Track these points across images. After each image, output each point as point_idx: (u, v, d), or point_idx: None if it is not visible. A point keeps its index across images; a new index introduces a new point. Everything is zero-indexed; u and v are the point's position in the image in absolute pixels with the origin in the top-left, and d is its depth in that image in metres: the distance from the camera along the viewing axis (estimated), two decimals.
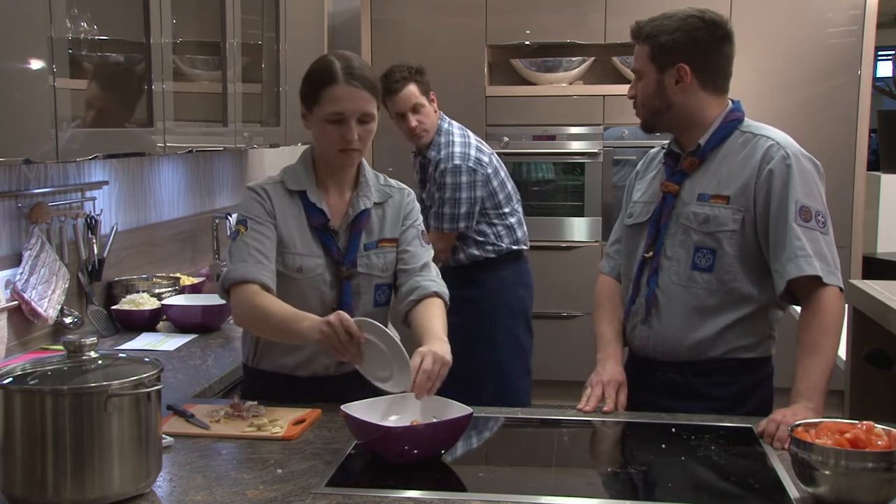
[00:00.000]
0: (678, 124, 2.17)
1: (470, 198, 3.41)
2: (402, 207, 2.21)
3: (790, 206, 2.05)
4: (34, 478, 1.50)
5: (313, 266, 2.12)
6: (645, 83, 2.14)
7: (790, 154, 2.09)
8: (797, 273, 2.02)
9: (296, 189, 2.14)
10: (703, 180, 2.14)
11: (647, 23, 2.14)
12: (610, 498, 1.66)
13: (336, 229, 2.13)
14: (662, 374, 2.18)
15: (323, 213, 2.12)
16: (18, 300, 2.52)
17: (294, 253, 2.11)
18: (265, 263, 2.06)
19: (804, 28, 4.79)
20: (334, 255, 2.12)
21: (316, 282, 2.12)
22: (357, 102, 2.04)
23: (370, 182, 2.18)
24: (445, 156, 3.43)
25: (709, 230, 2.11)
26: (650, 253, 2.17)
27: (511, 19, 5.04)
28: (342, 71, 2.04)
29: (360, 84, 2.04)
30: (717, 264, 2.11)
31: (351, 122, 2.04)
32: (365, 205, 2.15)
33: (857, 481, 1.53)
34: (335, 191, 2.16)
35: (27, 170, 2.63)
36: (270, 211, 2.11)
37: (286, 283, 2.11)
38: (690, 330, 2.13)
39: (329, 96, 2.04)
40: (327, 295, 2.12)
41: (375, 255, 2.16)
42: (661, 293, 2.15)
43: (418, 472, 1.71)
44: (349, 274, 2.12)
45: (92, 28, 2.33)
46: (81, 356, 1.60)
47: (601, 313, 2.32)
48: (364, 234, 2.15)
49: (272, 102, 3.54)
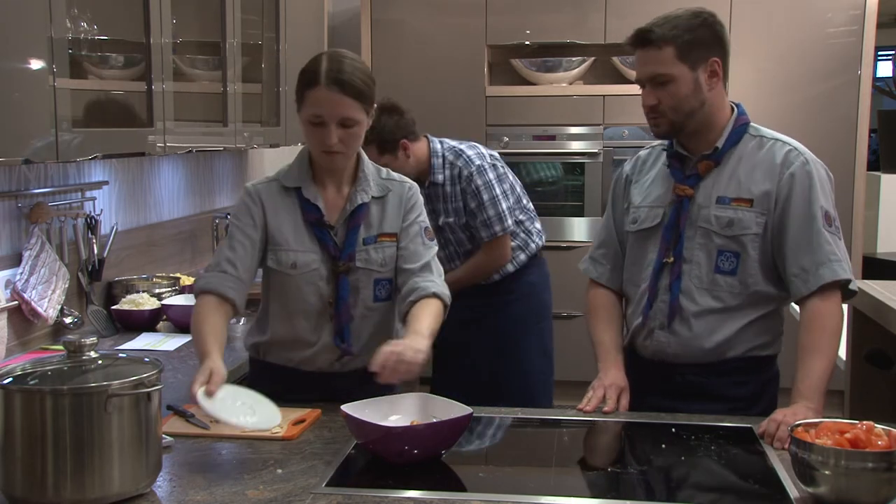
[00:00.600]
0: (701, 126, 2.12)
1: (505, 191, 3.29)
2: (403, 201, 2.19)
3: (817, 211, 2.06)
4: (34, 478, 1.50)
5: (308, 262, 2.11)
6: (677, 86, 2.06)
7: (809, 160, 2.11)
8: (832, 277, 2.03)
9: (291, 186, 2.14)
10: (720, 183, 2.12)
11: (657, 26, 2.06)
12: (610, 498, 1.66)
13: (332, 224, 2.13)
14: (681, 377, 2.17)
15: (317, 208, 2.12)
16: (18, 300, 2.52)
17: (287, 249, 2.12)
18: (230, 272, 2.07)
19: (804, 28, 4.79)
20: (330, 249, 2.12)
21: (311, 277, 2.12)
22: (336, 107, 2.01)
23: (369, 176, 2.17)
24: (463, 164, 3.28)
25: (733, 233, 2.10)
26: (670, 258, 2.15)
27: (511, 19, 5.04)
28: (326, 74, 2.01)
29: (341, 89, 2.00)
30: (740, 267, 2.10)
31: (330, 125, 2.02)
32: (362, 199, 2.13)
33: (857, 481, 1.53)
34: (333, 186, 2.15)
35: (27, 170, 2.63)
36: (258, 214, 2.12)
37: (282, 280, 2.12)
38: (713, 331, 2.12)
39: (311, 98, 2.03)
40: (324, 290, 2.12)
41: (374, 250, 2.15)
42: (683, 297, 2.14)
43: (418, 472, 1.71)
44: (346, 269, 2.11)
45: (92, 28, 2.33)
46: (81, 356, 1.60)
47: (598, 320, 2.30)
48: (363, 229, 2.14)
49: (272, 102, 3.54)
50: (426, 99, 4.58)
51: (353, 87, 2.02)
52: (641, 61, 2.11)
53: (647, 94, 2.12)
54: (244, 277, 2.09)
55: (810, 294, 2.05)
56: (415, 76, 4.86)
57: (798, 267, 2.06)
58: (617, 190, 2.34)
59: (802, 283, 2.05)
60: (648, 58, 2.09)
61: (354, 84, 2.02)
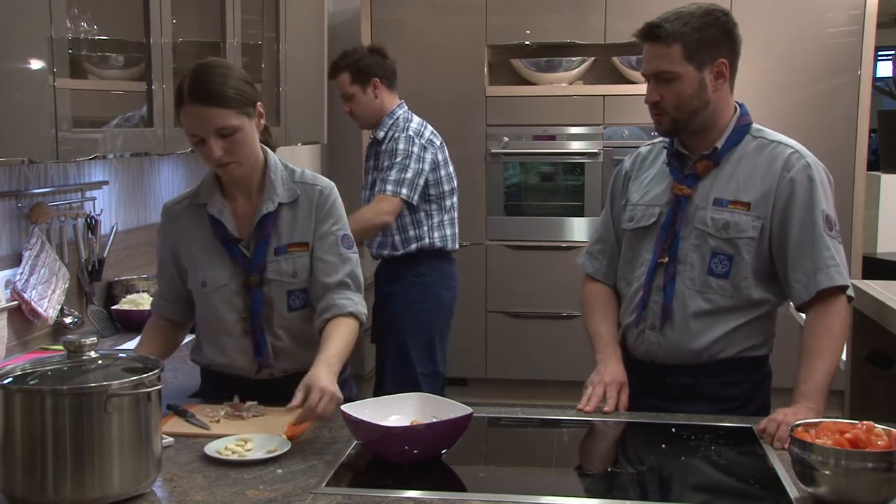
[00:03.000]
0: (703, 125, 2.10)
1: (417, 168, 3.39)
2: (314, 208, 2.10)
3: (818, 216, 2.05)
4: (34, 478, 1.50)
5: (216, 278, 2.08)
6: (681, 84, 2.05)
7: (811, 164, 2.09)
8: (829, 283, 2.02)
9: (201, 203, 2.10)
10: (718, 184, 2.11)
11: (667, 22, 2.04)
12: (610, 498, 1.65)
13: (240, 237, 2.08)
14: (672, 379, 2.17)
15: (221, 223, 2.07)
16: (18, 300, 2.52)
17: (197, 269, 2.11)
18: (164, 298, 2.21)
19: (804, 28, 4.79)
20: (240, 263, 2.07)
21: (224, 293, 2.09)
22: (206, 121, 1.93)
23: (277, 182, 2.08)
24: (401, 130, 3.46)
25: (728, 236, 2.08)
26: (665, 258, 2.14)
27: (511, 19, 5.04)
28: (188, 90, 1.93)
29: (205, 101, 1.92)
30: (733, 271, 2.09)
31: (209, 140, 1.94)
32: (268, 208, 2.06)
33: (857, 481, 1.53)
34: (242, 197, 2.10)
35: (27, 170, 2.63)
36: (170, 237, 2.15)
37: (199, 297, 2.13)
38: (703, 333, 2.11)
39: (183, 117, 1.97)
40: (238, 304, 2.09)
41: (285, 261, 2.08)
42: (675, 298, 2.13)
43: (418, 472, 1.71)
44: (257, 281, 2.07)
45: (92, 28, 2.33)
46: (81, 356, 1.60)
47: (594, 313, 2.29)
48: (273, 238, 2.08)
49: (272, 102, 3.54)
50: (426, 99, 4.58)
51: (219, 96, 1.93)
52: (648, 56, 2.09)
53: (651, 90, 2.10)
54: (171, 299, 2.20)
55: (812, 299, 2.04)
56: (415, 76, 4.85)
57: (800, 272, 2.05)
58: (616, 186, 2.33)
59: (804, 289, 2.05)
60: (655, 53, 2.07)
61: (219, 92, 1.93)
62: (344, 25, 5.40)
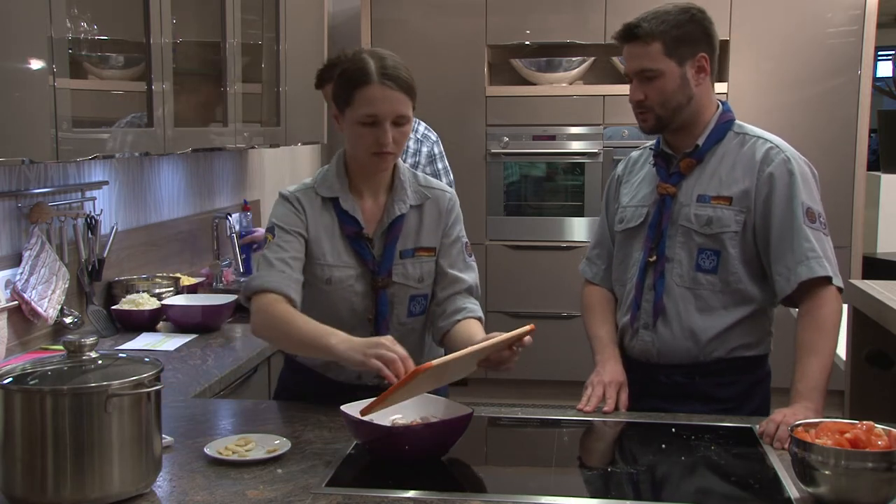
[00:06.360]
0: (686, 121, 2.13)
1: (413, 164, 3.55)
2: (443, 213, 2.10)
3: (797, 208, 2.05)
4: (34, 478, 1.50)
5: (343, 277, 2.04)
6: (664, 81, 2.08)
7: (790, 157, 2.10)
8: (809, 275, 2.02)
9: (328, 196, 2.05)
10: (701, 181, 2.13)
11: (645, 21, 2.09)
12: (610, 498, 1.65)
13: (370, 237, 2.05)
14: (666, 378, 2.17)
15: (356, 220, 2.04)
16: (18, 300, 2.53)
17: (323, 264, 2.04)
18: (288, 272, 1.98)
19: (804, 28, 4.79)
20: (369, 264, 2.04)
21: (346, 293, 2.04)
22: (392, 104, 1.94)
23: (406, 184, 2.08)
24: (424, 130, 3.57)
25: (712, 232, 2.10)
26: (653, 257, 2.16)
27: (511, 19, 5.04)
28: (377, 71, 1.93)
29: (394, 84, 1.94)
30: (721, 266, 2.11)
31: (385, 124, 1.94)
32: (400, 210, 2.05)
33: (857, 481, 1.53)
34: (370, 196, 2.07)
35: (27, 170, 2.63)
36: (303, 220, 2.04)
37: (314, 293, 2.05)
38: (696, 331, 2.13)
39: (363, 98, 1.94)
40: (358, 305, 2.05)
41: (412, 265, 2.07)
42: (666, 296, 2.14)
43: (418, 472, 1.71)
44: (385, 283, 2.04)
45: (92, 28, 2.33)
46: (81, 356, 1.60)
47: (593, 316, 2.30)
48: (400, 241, 2.06)
49: (272, 102, 3.54)
50: (426, 99, 4.56)
51: (405, 83, 1.96)
52: (629, 56, 2.13)
53: (635, 89, 2.13)
54: (299, 278, 2.00)
55: (800, 293, 2.04)
56: (415, 76, 4.84)
57: (781, 265, 2.06)
58: (610, 190, 2.36)
59: (785, 282, 2.06)
60: (636, 53, 2.11)
61: (408, 81, 1.97)
62: (344, 25, 5.40)
